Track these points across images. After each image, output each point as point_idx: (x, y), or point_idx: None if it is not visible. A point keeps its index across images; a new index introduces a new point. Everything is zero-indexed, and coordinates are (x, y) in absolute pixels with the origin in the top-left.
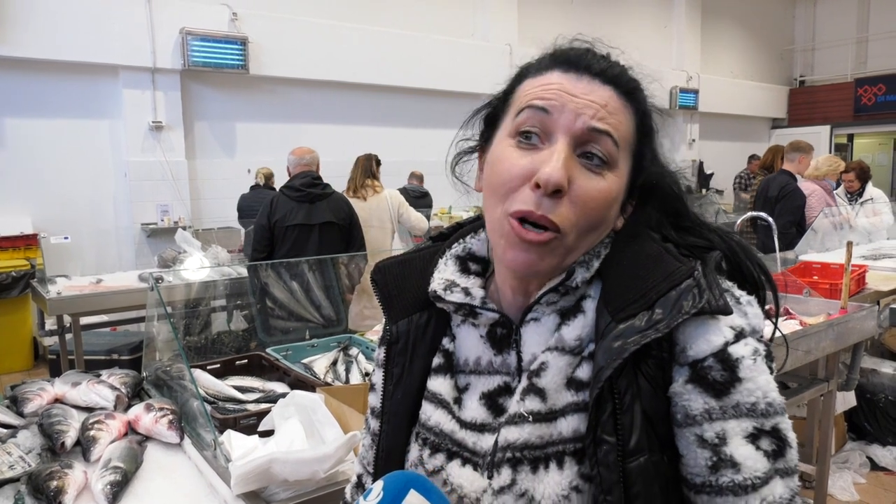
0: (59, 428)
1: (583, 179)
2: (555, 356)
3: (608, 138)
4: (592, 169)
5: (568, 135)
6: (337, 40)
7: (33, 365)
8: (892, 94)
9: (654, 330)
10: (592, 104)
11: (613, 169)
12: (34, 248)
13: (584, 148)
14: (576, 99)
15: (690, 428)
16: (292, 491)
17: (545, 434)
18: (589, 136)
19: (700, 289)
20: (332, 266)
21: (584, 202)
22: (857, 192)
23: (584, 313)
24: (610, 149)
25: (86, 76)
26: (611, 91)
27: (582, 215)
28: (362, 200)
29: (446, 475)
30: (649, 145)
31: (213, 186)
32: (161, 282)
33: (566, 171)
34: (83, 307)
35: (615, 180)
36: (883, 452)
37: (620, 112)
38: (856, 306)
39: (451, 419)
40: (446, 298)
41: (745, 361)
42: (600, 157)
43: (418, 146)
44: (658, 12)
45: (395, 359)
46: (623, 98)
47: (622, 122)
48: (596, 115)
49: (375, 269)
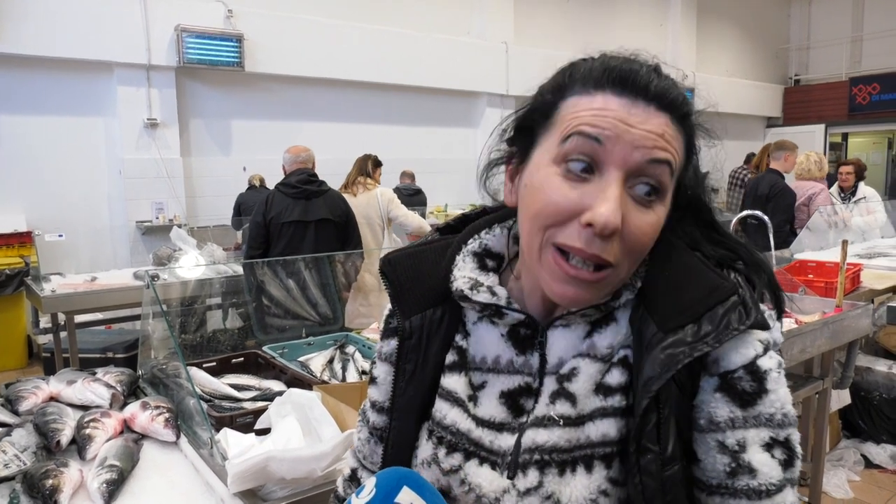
0: (55, 426)
1: (635, 216)
2: (586, 362)
3: (667, 167)
4: (643, 203)
5: (622, 169)
6: (333, 38)
7: (28, 363)
8: (886, 94)
9: (703, 343)
10: (649, 135)
11: (664, 198)
12: (28, 246)
13: (637, 180)
14: (631, 130)
15: (713, 434)
16: (289, 489)
17: (573, 438)
18: (645, 169)
19: (746, 306)
20: (329, 264)
21: (637, 238)
22: (850, 191)
23: (616, 322)
24: (665, 179)
25: (81, 73)
26: (666, 118)
27: (633, 249)
28: (352, 196)
29: (464, 475)
30: (692, 164)
31: (208, 184)
32: (157, 279)
33: (620, 211)
34: (78, 305)
35: (662, 210)
36: (877, 450)
37: (676, 139)
38: (850, 305)
39: (466, 417)
40: (473, 298)
41: (772, 374)
42: (653, 187)
43: (415, 144)
44: (654, 11)
45: (408, 355)
46: (678, 123)
47: (678, 149)
48: (655, 145)
49: (385, 262)
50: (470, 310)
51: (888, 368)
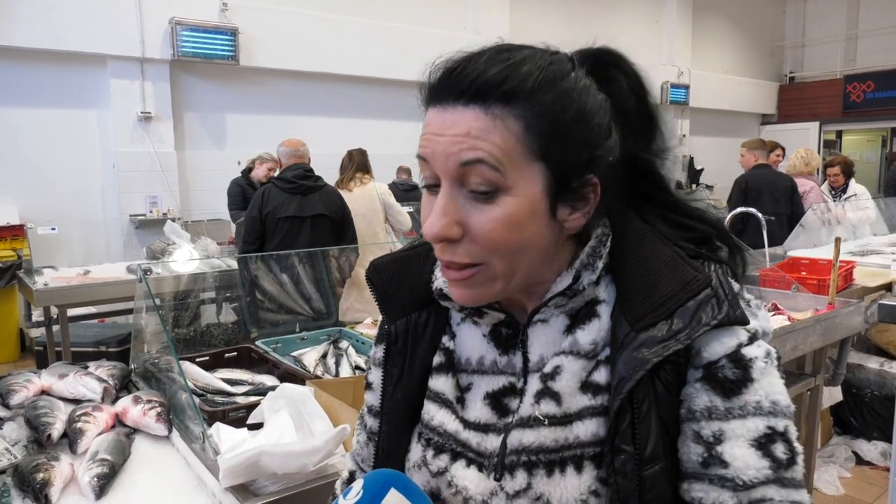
0: (46, 420)
1: (475, 215)
2: (570, 360)
3: (481, 165)
4: (482, 201)
5: (447, 178)
6: (328, 32)
7: (20, 356)
8: (880, 91)
9: (674, 341)
10: (455, 138)
11: (507, 190)
12: (21, 239)
13: (467, 186)
14: (441, 139)
15: (689, 423)
16: (281, 484)
17: (560, 437)
18: (463, 172)
19: (718, 300)
20: (323, 259)
21: (483, 235)
22: (841, 189)
23: (598, 318)
24: (488, 175)
25: (74, 66)
26: (476, 111)
27: (489, 246)
28: (348, 192)
29: (451, 476)
30: (569, 138)
31: (202, 178)
32: (149, 273)
33: (446, 220)
34: (70, 298)
35: (513, 202)
36: (868, 447)
37: (491, 129)
38: (843, 302)
39: (454, 419)
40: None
41: (758, 363)
42: (484, 188)
43: (409, 139)
44: (649, 7)
45: (395, 358)
46: (492, 110)
47: (498, 138)
48: (461, 149)
49: (371, 268)
50: (453, 310)
51: (880, 366)
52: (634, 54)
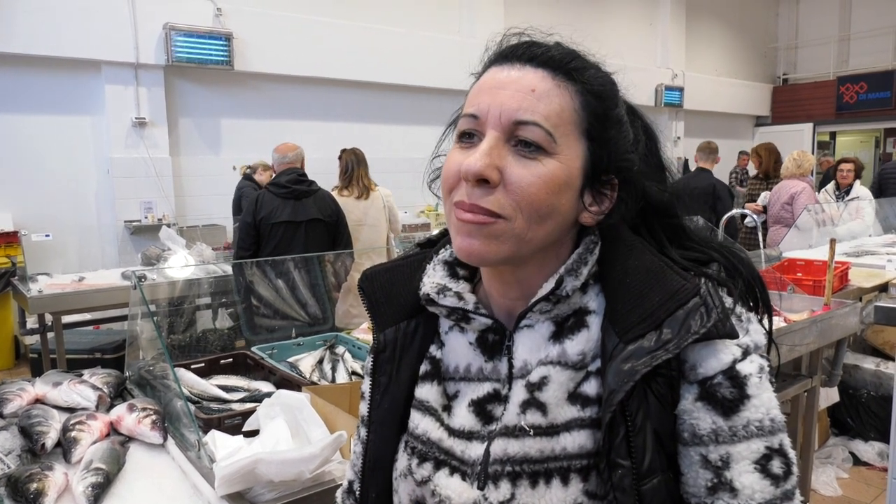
0: (40, 429)
1: (516, 166)
2: (557, 370)
3: (535, 127)
4: (527, 155)
5: (497, 129)
6: (323, 36)
7: (14, 364)
8: (873, 93)
9: (663, 351)
10: (517, 93)
11: (553, 154)
12: (15, 246)
13: (514, 137)
14: (502, 91)
15: (696, 447)
16: (278, 492)
17: (546, 448)
18: (515, 129)
19: (707, 308)
20: (319, 264)
21: (521, 188)
22: (846, 189)
23: (587, 328)
24: (539, 136)
25: (68, 71)
26: (542, 73)
27: (522, 200)
28: (364, 200)
29: (434, 485)
30: (612, 131)
31: (197, 183)
32: (144, 280)
33: (489, 161)
34: (65, 305)
35: (557, 165)
36: (865, 447)
37: (553, 94)
38: (839, 303)
39: (439, 427)
40: (439, 302)
41: (752, 379)
42: (534, 144)
43: (404, 143)
44: (643, 10)
45: (383, 367)
46: (559, 77)
47: (555, 104)
48: (521, 106)
49: (363, 278)
50: (441, 317)
51: (876, 366)
52: (628, 57)
